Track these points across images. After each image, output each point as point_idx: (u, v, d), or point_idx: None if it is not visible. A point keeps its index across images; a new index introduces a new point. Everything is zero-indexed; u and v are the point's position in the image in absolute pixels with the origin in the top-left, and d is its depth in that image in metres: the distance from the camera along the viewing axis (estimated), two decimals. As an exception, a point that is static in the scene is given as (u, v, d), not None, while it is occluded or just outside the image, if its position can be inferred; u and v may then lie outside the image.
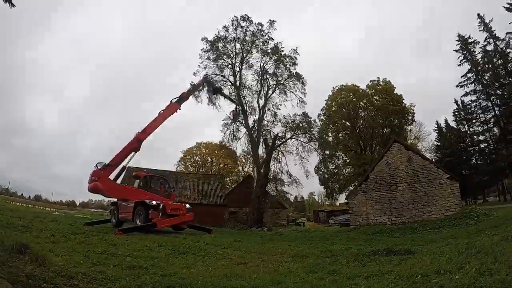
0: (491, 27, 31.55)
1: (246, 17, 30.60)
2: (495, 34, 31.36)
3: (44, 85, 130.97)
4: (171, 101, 17.48)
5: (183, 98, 18.05)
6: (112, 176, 15.28)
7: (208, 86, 23.58)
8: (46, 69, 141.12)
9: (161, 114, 16.83)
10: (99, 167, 14.80)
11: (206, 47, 30.62)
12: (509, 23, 28.88)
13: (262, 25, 30.75)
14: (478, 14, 32.24)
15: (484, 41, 32.10)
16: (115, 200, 16.10)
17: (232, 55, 30.69)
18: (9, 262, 3.51)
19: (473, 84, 33.64)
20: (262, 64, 31.02)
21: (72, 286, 3.61)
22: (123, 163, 15.51)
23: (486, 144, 34.67)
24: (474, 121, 35.02)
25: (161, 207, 13.94)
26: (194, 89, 20.75)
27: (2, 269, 3.24)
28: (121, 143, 17.54)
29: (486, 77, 32.81)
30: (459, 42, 34.48)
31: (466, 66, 33.99)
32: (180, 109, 17.74)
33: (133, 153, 15.61)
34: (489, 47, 31.84)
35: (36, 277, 3.34)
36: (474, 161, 35.90)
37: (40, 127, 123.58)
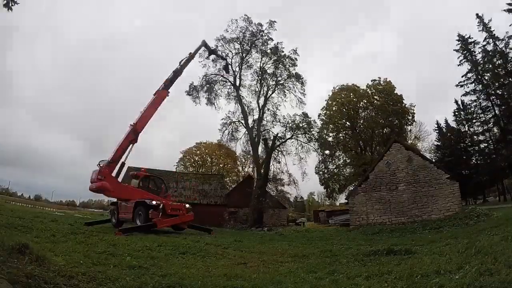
0: (490, 27, 31.55)
1: (246, 17, 30.61)
2: (494, 34, 31.36)
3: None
4: (157, 90, 17.25)
5: (171, 80, 17.82)
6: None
7: (206, 48, 22.35)
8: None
9: (152, 104, 16.71)
10: (102, 165, 14.66)
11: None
12: (510, 25, 28.82)
13: (261, 25, 30.75)
14: (477, 14, 32.18)
15: (484, 41, 32.11)
16: (115, 200, 16.09)
17: (231, 55, 30.68)
18: (9, 262, 3.51)
19: (473, 84, 33.64)
20: (261, 64, 31.02)
21: (72, 286, 3.60)
22: (122, 159, 15.37)
23: (486, 144, 34.62)
24: (474, 121, 34.97)
25: (161, 207, 13.95)
26: (191, 57, 19.68)
27: (2, 269, 3.23)
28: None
29: (486, 77, 32.79)
30: (459, 42, 34.49)
31: (466, 66, 33.99)
32: (168, 95, 17.59)
33: (131, 145, 15.46)
34: (489, 47, 31.85)
35: (36, 277, 3.33)
36: (474, 161, 35.85)
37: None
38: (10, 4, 4.37)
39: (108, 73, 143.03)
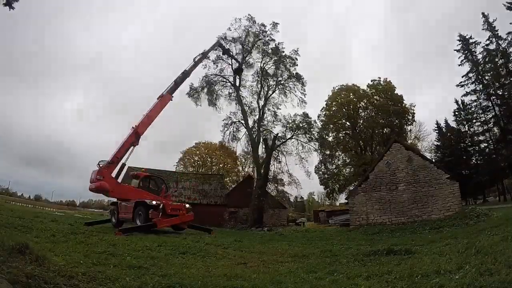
0: (494, 26, 31.56)
1: (250, 17, 30.55)
2: (498, 33, 31.41)
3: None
4: (162, 93, 17.48)
5: (177, 83, 18.24)
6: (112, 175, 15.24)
7: (221, 47, 24.98)
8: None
9: (155, 107, 16.87)
10: (101, 165, 14.71)
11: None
12: (510, 23, 28.90)
13: (265, 26, 30.69)
14: (483, 13, 32.20)
15: (487, 40, 32.08)
16: (115, 200, 16.09)
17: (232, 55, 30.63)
18: (9, 262, 3.51)
19: (474, 84, 33.65)
20: (262, 64, 31.01)
21: (72, 286, 3.60)
22: (123, 160, 15.47)
23: (486, 144, 34.63)
24: (474, 121, 34.98)
25: (161, 207, 13.95)
26: (203, 56, 20.72)
27: (2, 269, 3.24)
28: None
29: (487, 77, 32.80)
30: (460, 42, 34.50)
31: (467, 66, 34.01)
32: (172, 99, 17.84)
33: (132, 147, 15.56)
34: (492, 46, 31.84)
35: (36, 277, 3.33)
36: (474, 161, 35.85)
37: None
38: (12, 3, 4.39)
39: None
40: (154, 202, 14.17)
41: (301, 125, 30.00)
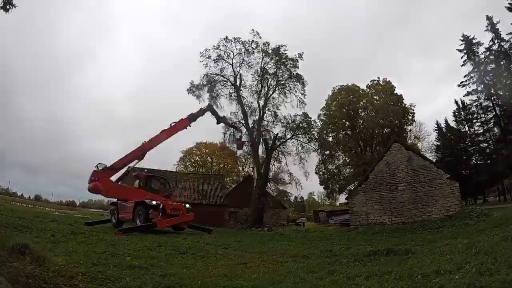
0: (497, 28, 31.68)
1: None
2: (501, 35, 31.50)
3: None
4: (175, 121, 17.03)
5: (192, 116, 17.68)
6: (114, 177, 15.34)
7: (213, 114, 20.39)
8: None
9: (169, 130, 16.65)
10: (99, 168, 14.78)
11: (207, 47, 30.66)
12: (511, 23, 28.96)
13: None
14: (487, 16, 32.38)
15: (490, 41, 32.19)
16: (115, 200, 16.12)
17: (232, 55, 30.69)
18: (9, 262, 3.51)
19: (475, 84, 33.68)
20: (262, 64, 30.99)
21: (72, 286, 3.61)
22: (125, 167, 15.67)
23: (486, 144, 34.62)
24: (474, 121, 34.99)
25: (161, 207, 13.96)
26: (194, 117, 18.25)
27: (2, 269, 3.24)
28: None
29: (488, 77, 32.83)
30: (463, 42, 34.52)
31: (469, 66, 34.02)
32: (189, 126, 17.50)
33: (137, 161, 15.79)
34: (494, 47, 31.90)
35: (36, 277, 3.34)
36: (474, 161, 35.84)
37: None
38: (8, 7, 4.40)
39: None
40: (154, 202, 14.18)
41: (301, 125, 30.01)
